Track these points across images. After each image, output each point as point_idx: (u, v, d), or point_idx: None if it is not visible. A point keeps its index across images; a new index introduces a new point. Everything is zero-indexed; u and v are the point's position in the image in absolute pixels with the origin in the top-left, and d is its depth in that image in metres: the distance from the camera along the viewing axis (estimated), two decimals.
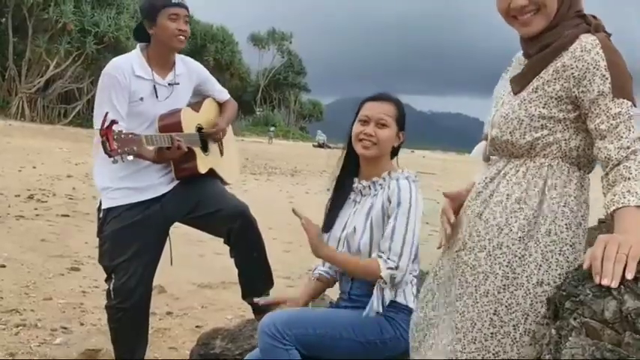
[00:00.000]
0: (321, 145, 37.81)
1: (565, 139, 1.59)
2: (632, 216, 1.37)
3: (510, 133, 1.62)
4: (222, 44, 41.73)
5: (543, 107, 1.58)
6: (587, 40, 1.54)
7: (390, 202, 2.28)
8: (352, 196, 2.45)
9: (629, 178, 1.41)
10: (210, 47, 40.28)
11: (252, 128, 47.01)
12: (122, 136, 2.54)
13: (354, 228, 2.33)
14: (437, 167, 26.05)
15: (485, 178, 1.70)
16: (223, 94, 3.29)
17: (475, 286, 1.60)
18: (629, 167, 1.43)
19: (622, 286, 1.27)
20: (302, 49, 60.65)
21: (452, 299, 1.68)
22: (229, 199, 3.10)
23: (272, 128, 44.04)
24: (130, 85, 2.84)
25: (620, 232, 1.36)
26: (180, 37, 2.91)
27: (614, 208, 1.40)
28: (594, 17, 1.62)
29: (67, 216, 7.71)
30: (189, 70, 3.10)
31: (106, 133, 2.49)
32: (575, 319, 1.28)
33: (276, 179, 16.94)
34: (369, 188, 2.38)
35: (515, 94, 1.66)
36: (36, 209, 7.99)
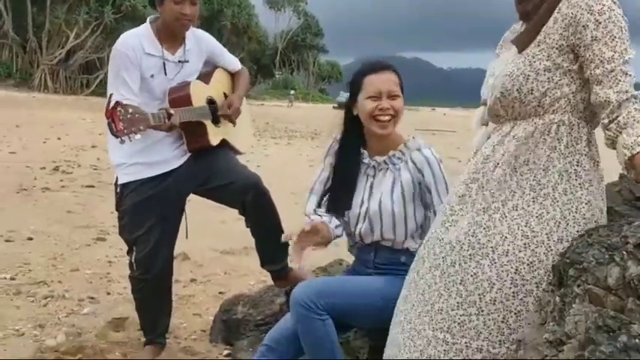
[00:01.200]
0: (340, 106, 37.59)
1: (572, 92, 1.60)
2: None
3: (517, 90, 1.62)
4: (239, 8, 41.36)
5: (547, 60, 1.59)
6: None
7: (421, 174, 2.26)
8: (363, 170, 2.40)
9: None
10: (227, 11, 39.95)
11: (272, 92, 46.85)
12: (128, 115, 2.51)
13: (380, 203, 2.30)
14: (458, 125, 25.82)
15: (492, 142, 1.71)
16: (235, 65, 3.26)
17: (492, 247, 1.60)
18: (637, 108, 1.46)
19: (625, 253, 1.28)
20: (318, 10, 59.94)
21: (448, 264, 1.68)
22: (241, 171, 3.11)
23: (292, 92, 43.82)
24: (141, 63, 2.83)
25: None
26: (184, 21, 2.86)
27: (639, 149, 1.40)
28: None
29: (92, 186, 7.82)
30: (199, 43, 3.07)
31: (112, 114, 2.47)
32: (578, 286, 1.29)
33: (296, 142, 16.94)
34: (386, 163, 2.35)
35: (520, 52, 1.65)
36: (61, 181, 8.13)
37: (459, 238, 1.65)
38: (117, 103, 2.50)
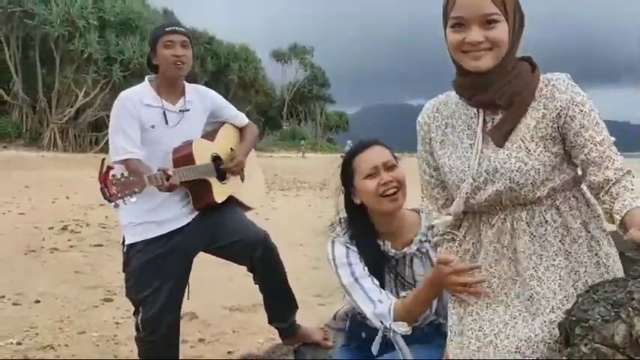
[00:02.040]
0: None
1: (574, 172, 1.69)
2: None
3: (532, 183, 1.63)
4: (246, 62, 42.08)
5: (546, 151, 1.63)
6: (558, 81, 1.64)
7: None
8: (385, 264, 2.20)
9: (632, 190, 1.56)
10: (233, 66, 40.64)
11: (280, 143, 47.20)
12: (122, 179, 2.52)
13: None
14: None
15: (492, 235, 1.70)
16: (241, 119, 3.28)
17: (494, 335, 1.65)
18: (630, 181, 1.58)
19: (630, 309, 1.26)
20: (324, 61, 60.83)
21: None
22: (249, 227, 3.11)
23: (302, 142, 44.14)
24: (140, 114, 2.87)
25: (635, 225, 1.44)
26: (177, 62, 2.90)
27: (626, 211, 1.50)
28: (529, 57, 1.70)
29: (101, 245, 7.83)
30: (202, 97, 3.10)
31: (104, 179, 2.48)
32: (585, 345, 1.27)
33: (304, 194, 16.96)
34: (404, 259, 2.19)
35: (500, 147, 1.65)
36: (69, 240, 8.14)
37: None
38: (109, 167, 2.50)
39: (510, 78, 1.62)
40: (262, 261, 3.07)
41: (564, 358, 1.31)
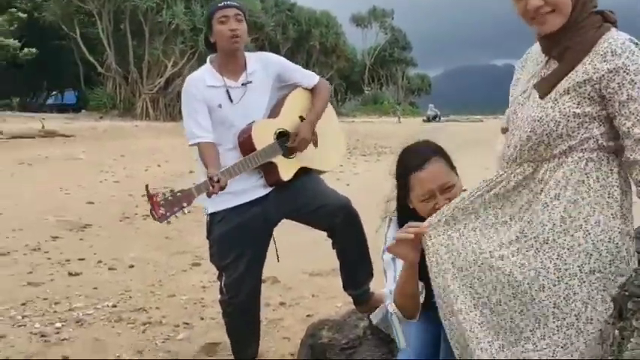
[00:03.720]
0: (429, 119, 37.01)
1: (601, 133, 1.62)
2: None
3: (547, 135, 1.63)
4: (327, 28, 41.85)
5: (577, 107, 1.60)
6: (617, 43, 1.56)
7: None
8: None
9: None
10: (315, 32, 40.54)
11: (362, 108, 46.92)
12: (170, 198, 2.62)
13: None
14: None
15: (513, 182, 1.72)
16: (310, 79, 3.20)
17: (528, 284, 1.62)
18: None
19: None
20: (404, 23, 59.59)
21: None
22: (330, 194, 3.13)
23: (398, 107, 43.62)
24: (205, 97, 2.94)
25: None
26: (233, 37, 2.93)
27: None
28: (611, 12, 1.63)
29: (189, 212, 8.14)
30: (264, 64, 3.08)
31: (151, 202, 2.59)
32: (637, 319, 1.27)
33: (386, 159, 16.88)
34: None
35: (542, 97, 1.66)
36: None
37: (499, 278, 1.67)
38: (151, 194, 2.60)
39: (572, 33, 1.62)
40: (343, 227, 3.09)
41: (616, 332, 1.32)
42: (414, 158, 2.21)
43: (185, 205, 2.67)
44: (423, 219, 2.06)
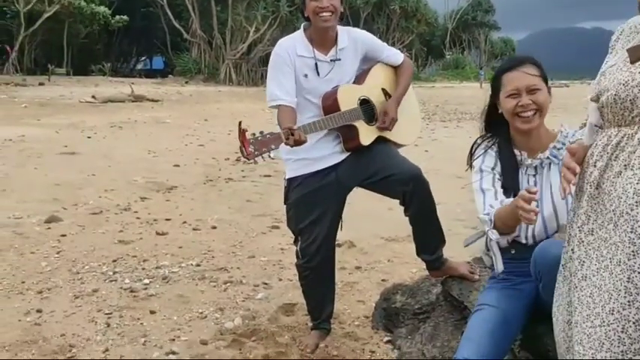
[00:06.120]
0: None
1: None
2: None
3: (631, 100, 1.60)
4: None
5: None
6: None
7: None
8: (522, 171, 2.35)
9: None
10: None
11: (443, 72, 45.96)
12: (259, 137, 2.64)
13: (553, 203, 2.28)
14: None
15: (599, 148, 1.70)
16: (396, 58, 3.26)
17: (609, 258, 1.60)
18: None
19: None
20: None
21: (579, 277, 1.68)
22: (402, 163, 3.14)
23: (481, 71, 42.52)
24: (295, 64, 2.99)
25: None
26: (324, 13, 2.94)
27: None
28: None
29: (269, 176, 8.32)
30: (353, 41, 3.13)
31: (242, 140, 2.60)
32: None
33: (465, 125, 16.58)
34: (549, 158, 2.31)
35: (633, 62, 1.62)
36: (242, 171, 8.78)
37: (621, 237, 1.61)
38: (244, 130, 2.61)
39: None
40: (413, 195, 3.12)
41: None
42: (510, 61, 2.38)
43: (273, 147, 2.69)
44: (506, 123, 2.31)
